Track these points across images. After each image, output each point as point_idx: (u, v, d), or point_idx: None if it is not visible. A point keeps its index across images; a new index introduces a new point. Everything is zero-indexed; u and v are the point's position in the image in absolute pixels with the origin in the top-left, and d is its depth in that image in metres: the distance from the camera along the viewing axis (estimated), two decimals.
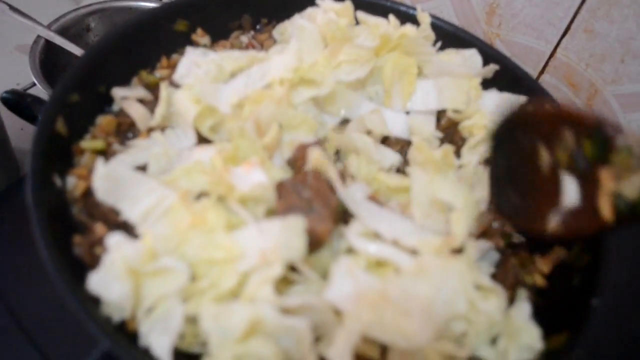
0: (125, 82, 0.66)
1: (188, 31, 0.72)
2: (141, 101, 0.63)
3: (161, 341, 0.47)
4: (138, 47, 0.68)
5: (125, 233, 0.50)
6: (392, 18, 0.72)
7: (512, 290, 0.59)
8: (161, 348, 0.46)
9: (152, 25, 0.70)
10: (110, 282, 0.47)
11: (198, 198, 0.53)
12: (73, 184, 0.56)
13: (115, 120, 0.62)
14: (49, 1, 1.21)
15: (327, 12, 0.68)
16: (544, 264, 0.62)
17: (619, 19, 0.87)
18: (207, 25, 0.73)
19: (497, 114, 0.69)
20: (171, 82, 0.65)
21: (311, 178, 0.56)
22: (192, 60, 0.63)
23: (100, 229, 0.52)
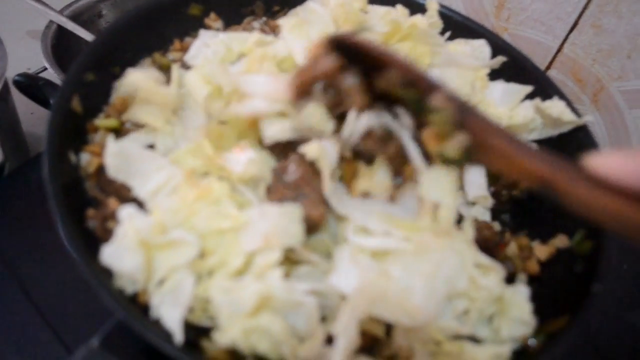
0: (139, 64, 0.67)
1: (201, 15, 0.73)
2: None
3: (172, 313, 0.47)
4: (152, 30, 0.69)
5: (137, 206, 0.51)
6: (400, 7, 0.73)
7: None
8: (172, 320, 0.47)
9: (167, 8, 0.71)
10: (123, 254, 0.47)
11: (203, 176, 0.54)
12: (87, 161, 0.57)
13: (128, 99, 0.63)
14: None
15: None
16: (542, 252, 0.62)
17: (628, 15, 0.88)
18: (221, 10, 0.74)
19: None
20: (183, 64, 0.66)
21: (293, 163, 0.55)
22: (204, 42, 0.64)
23: (113, 204, 0.53)
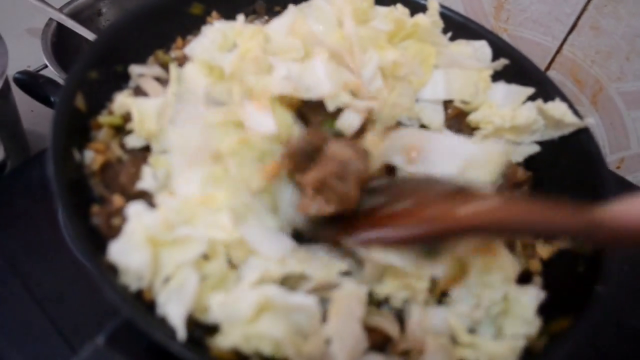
0: (141, 61, 0.66)
1: (203, 14, 0.73)
2: (157, 79, 0.64)
3: (177, 310, 0.47)
4: (155, 28, 0.69)
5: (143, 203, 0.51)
6: (400, 6, 0.73)
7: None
8: (176, 317, 0.47)
9: (169, 7, 0.71)
10: (130, 251, 0.47)
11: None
12: (91, 158, 0.57)
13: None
14: None
15: None
16: (545, 251, 0.63)
17: (626, 16, 0.88)
18: (222, 9, 0.74)
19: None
20: (183, 59, 0.66)
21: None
22: (204, 35, 0.64)
23: (118, 200, 0.53)
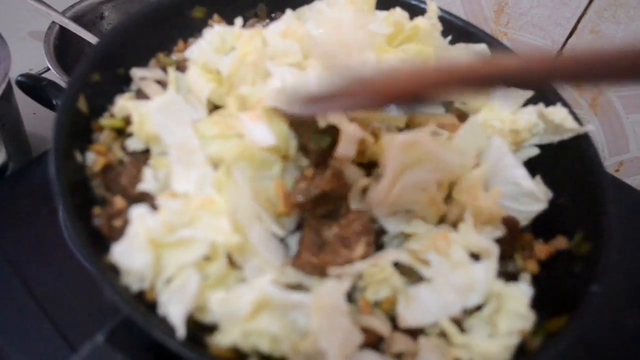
0: (143, 64, 0.67)
1: (205, 18, 0.74)
2: (159, 82, 0.64)
3: (177, 309, 0.47)
4: (157, 31, 0.69)
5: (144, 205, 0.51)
6: (399, 10, 0.74)
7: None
8: (176, 316, 0.47)
9: (171, 10, 0.71)
10: (133, 252, 0.48)
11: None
12: (92, 160, 0.57)
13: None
14: None
15: None
16: (542, 251, 0.63)
17: (626, 20, 0.89)
18: (224, 12, 0.74)
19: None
20: (184, 62, 0.66)
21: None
22: (204, 37, 0.65)
23: (119, 202, 0.54)
